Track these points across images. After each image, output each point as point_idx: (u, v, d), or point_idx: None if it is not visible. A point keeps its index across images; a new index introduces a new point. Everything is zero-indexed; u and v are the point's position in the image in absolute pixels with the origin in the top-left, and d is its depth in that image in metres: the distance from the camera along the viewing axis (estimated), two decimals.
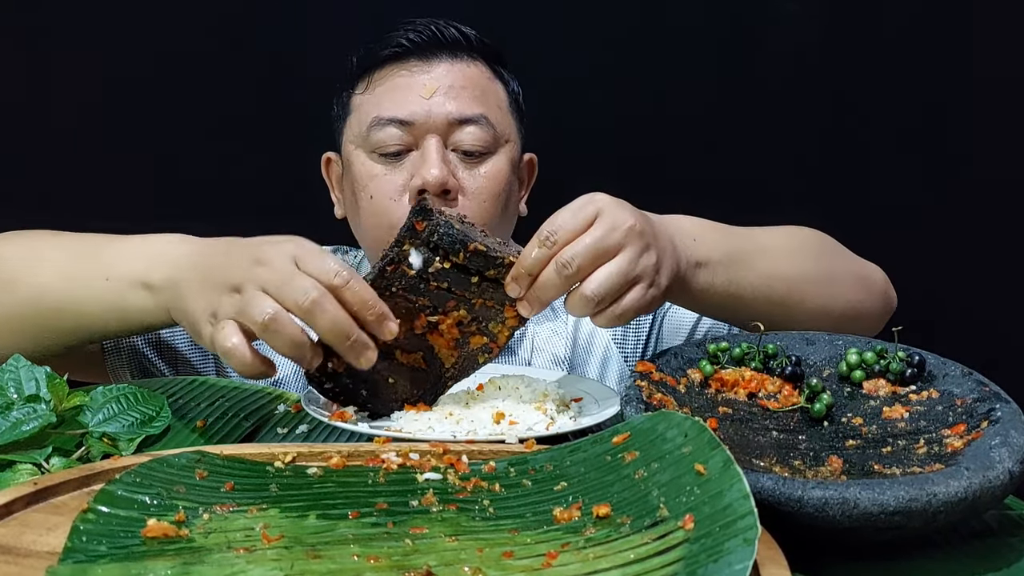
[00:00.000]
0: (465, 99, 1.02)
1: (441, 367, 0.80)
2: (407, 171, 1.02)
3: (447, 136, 1.02)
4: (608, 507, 0.55)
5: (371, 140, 1.02)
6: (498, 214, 1.04)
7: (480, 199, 1.02)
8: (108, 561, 0.49)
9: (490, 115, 1.03)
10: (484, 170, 1.03)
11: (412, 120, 1.01)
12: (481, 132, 1.02)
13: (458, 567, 0.50)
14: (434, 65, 1.03)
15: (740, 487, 0.51)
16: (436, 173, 0.98)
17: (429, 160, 1.00)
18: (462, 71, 1.04)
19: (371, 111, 1.03)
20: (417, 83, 1.02)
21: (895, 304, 1.02)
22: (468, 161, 1.02)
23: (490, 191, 1.03)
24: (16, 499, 0.58)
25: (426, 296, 0.76)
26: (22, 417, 0.72)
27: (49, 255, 0.88)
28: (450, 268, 0.75)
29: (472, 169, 1.02)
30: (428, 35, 1.04)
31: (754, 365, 0.80)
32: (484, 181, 1.03)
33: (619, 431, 0.63)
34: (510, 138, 1.07)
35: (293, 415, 0.84)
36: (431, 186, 0.99)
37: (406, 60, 1.04)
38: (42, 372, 0.77)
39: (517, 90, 1.10)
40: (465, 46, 1.05)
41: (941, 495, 0.56)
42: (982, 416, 0.67)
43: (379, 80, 1.05)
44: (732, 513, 0.49)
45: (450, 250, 0.73)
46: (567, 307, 0.75)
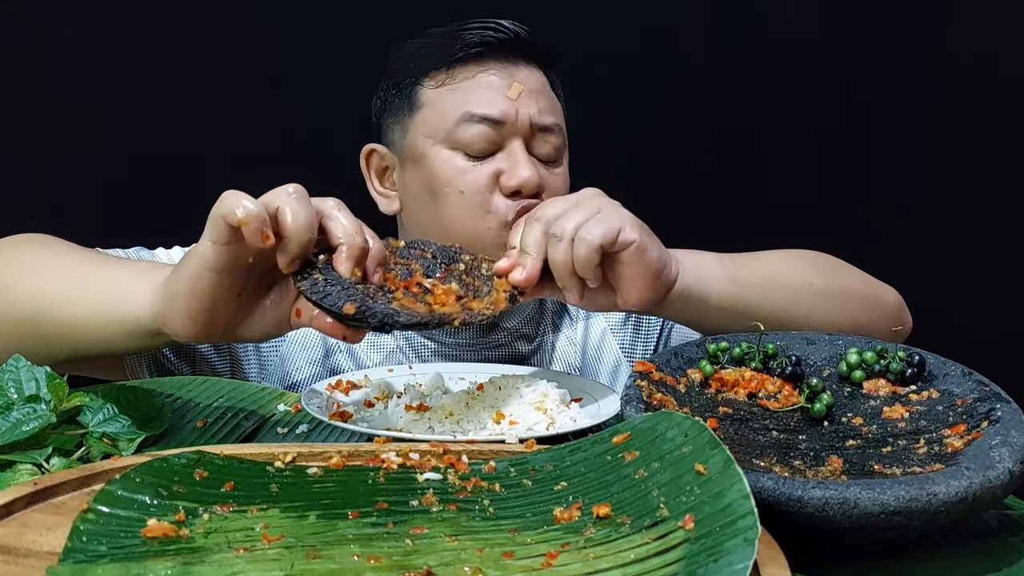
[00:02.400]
0: (544, 104, 1.04)
1: (444, 316, 0.73)
2: (493, 169, 1.02)
3: (529, 138, 1.03)
4: (608, 507, 0.55)
5: (457, 136, 1.02)
6: None
7: (559, 195, 1.02)
8: (108, 561, 0.49)
9: (560, 123, 1.06)
10: (556, 172, 1.06)
11: (504, 119, 1.01)
12: (556, 140, 1.05)
13: (458, 567, 0.50)
14: (513, 68, 1.04)
15: (740, 487, 0.51)
16: (531, 175, 1.00)
17: (521, 161, 1.01)
18: (537, 76, 1.06)
19: (458, 106, 1.02)
20: (501, 83, 1.03)
21: (910, 327, 1.02)
22: (544, 167, 1.04)
23: (564, 190, 1.06)
24: (16, 499, 0.58)
25: (420, 263, 0.79)
26: (22, 417, 0.72)
27: (49, 269, 0.85)
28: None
29: (548, 174, 1.04)
30: (508, 34, 1.04)
31: (754, 365, 0.80)
32: (559, 181, 1.06)
33: (619, 431, 0.63)
34: (566, 146, 1.09)
35: (293, 415, 0.84)
36: (528, 187, 1.00)
37: (485, 60, 1.04)
38: (42, 372, 0.77)
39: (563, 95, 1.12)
40: (534, 49, 1.06)
41: (941, 495, 0.56)
42: (982, 416, 0.67)
43: (459, 76, 1.04)
44: (732, 513, 0.49)
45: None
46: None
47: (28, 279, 0.84)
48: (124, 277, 0.80)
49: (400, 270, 0.77)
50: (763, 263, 0.95)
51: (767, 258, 0.97)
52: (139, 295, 0.76)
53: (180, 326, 0.72)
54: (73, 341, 0.82)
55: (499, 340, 1.09)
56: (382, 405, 0.83)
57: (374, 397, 0.84)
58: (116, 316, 0.78)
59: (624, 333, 1.13)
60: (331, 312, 0.69)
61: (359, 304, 0.68)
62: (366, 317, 0.68)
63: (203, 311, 0.71)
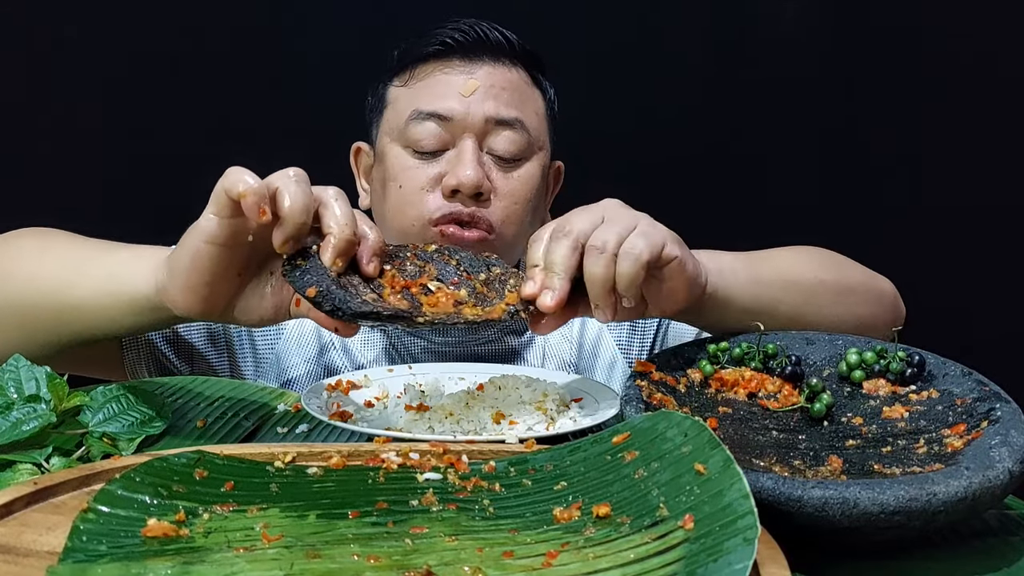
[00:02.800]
0: (504, 101, 1.03)
1: (400, 311, 0.71)
2: (440, 167, 1.02)
3: (483, 138, 1.02)
4: (608, 507, 0.55)
5: (408, 134, 1.03)
6: (527, 218, 1.05)
7: (511, 200, 1.03)
8: (108, 561, 0.49)
9: (527, 121, 1.04)
10: (517, 174, 1.04)
11: (451, 116, 1.01)
12: (516, 136, 1.03)
13: (458, 567, 0.50)
14: (476, 65, 1.04)
15: (740, 486, 0.51)
16: (471, 174, 0.99)
17: (464, 161, 1.00)
18: (503, 74, 1.04)
19: (410, 104, 1.03)
20: (458, 81, 1.03)
21: (904, 317, 1.03)
22: (502, 165, 1.03)
23: (522, 195, 1.04)
24: (16, 499, 0.57)
25: (435, 266, 0.77)
26: (22, 417, 0.72)
27: (52, 254, 0.87)
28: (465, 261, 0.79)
29: (505, 172, 1.03)
30: (472, 36, 1.04)
31: (754, 365, 0.80)
32: (517, 184, 1.03)
33: (619, 431, 0.63)
34: (543, 145, 1.07)
35: (293, 415, 0.84)
36: (465, 187, 0.99)
37: (448, 58, 1.04)
38: (42, 372, 0.77)
39: (553, 99, 1.11)
40: (508, 50, 1.06)
41: (941, 495, 0.56)
42: (982, 416, 0.67)
43: (420, 75, 1.05)
44: (732, 513, 0.49)
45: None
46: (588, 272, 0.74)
47: (28, 266, 0.86)
48: (125, 257, 0.82)
49: (412, 269, 0.76)
50: (777, 261, 0.94)
51: (780, 256, 0.96)
52: (141, 272, 0.77)
53: (181, 299, 0.74)
54: (76, 324, 0.83)
55: (488, 336, 1.09)
56: (382, 405, 0.83)
57: (374, 397, 0.84)
58: (119, 294, 0.79)
59: (620, 330, 1.12)
60: (299, 293, 0.70)
61: (321, 288, 0.69)
62: (322, 301, 0.68)
63: (203, 285, 0.72)
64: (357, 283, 0.71)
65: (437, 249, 0.80)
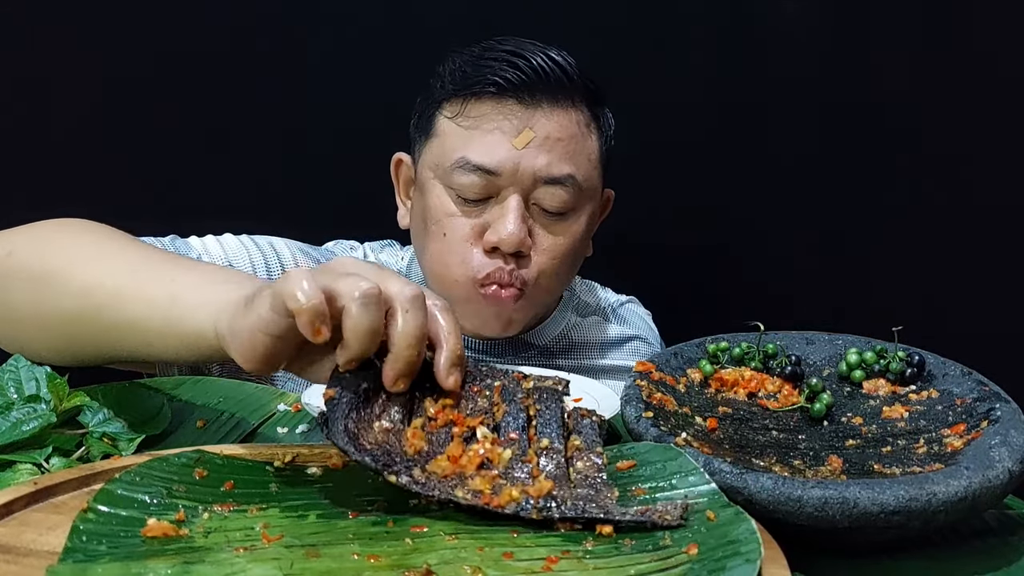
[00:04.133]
0: (557, 155, 0.98)
1: (406, 465, 0.59)
2: (484, 218, 0.99)
3: (531, 191, 0.98)
4: (611, 528, 0.55)
5: (452, 180, 0.99)
6: (563, 271, 1.03)
7: (550, 256, 1.00)
8: (108, 560, 0.49)
9: (579, 174, 0.99)
10: (562, 228, 1.01)
11: (499, 171, 0.97)
12: (565, 195, 0.99)
13: (458, 566, 0.50)
14: (532, 111, 0.97)
15: (748, 526, 0.51)
16: (513, 232, 0.96)
17: (507, 217, 0.97)
18: (559, 122, 0.98)
19: (458, 148, 0.98)
20: (512, 130, 0.97)
21: None
22: (547, 220, 1.00)
23: (563, 251, 1.01)
24: (16, 499, 0.58)
25: (509, 408, 0.65)
26: (22, 417, 0.72)
27: (104, 262, 0.77)
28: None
29: (550, 226, 1.00)
30: (530, 73, 0.97)
31: (754, 365, 0.80)
32: (560, 241, 1.01)
33: (624, 456, 0.63)
34: (595, 193, 1.04)
35: (293, 415, 0.84)
36: (506, 245, 0.97)
37: (503, 100, 0.98)
38: (42, 372, 0.77)
39: (611, 133, 1.06)
40: (568, 87, 0.99)
41: (941, 495, 0.56)
42: (982, 416, 0.67)
43: (473, 114, 0.99)
44: (737, 544, 0.50)
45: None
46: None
47: (86, 272, 0.76)
48: (190, 283, 0.72)
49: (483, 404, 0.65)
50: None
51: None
52: (204, 309, 0.68)
53: (239, 359, 0.64)
54: (126, 344, 0.75)
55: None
56: None
57: None
58: (180, 326, 0.70)
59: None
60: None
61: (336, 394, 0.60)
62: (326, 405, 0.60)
63: (260, 358, 0.63)
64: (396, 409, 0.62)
65: (535, 388, 0.67)
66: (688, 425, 0.70)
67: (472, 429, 0.63)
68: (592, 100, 1.03)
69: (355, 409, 0.60)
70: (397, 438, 0.61)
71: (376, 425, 0.61)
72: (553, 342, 1.12)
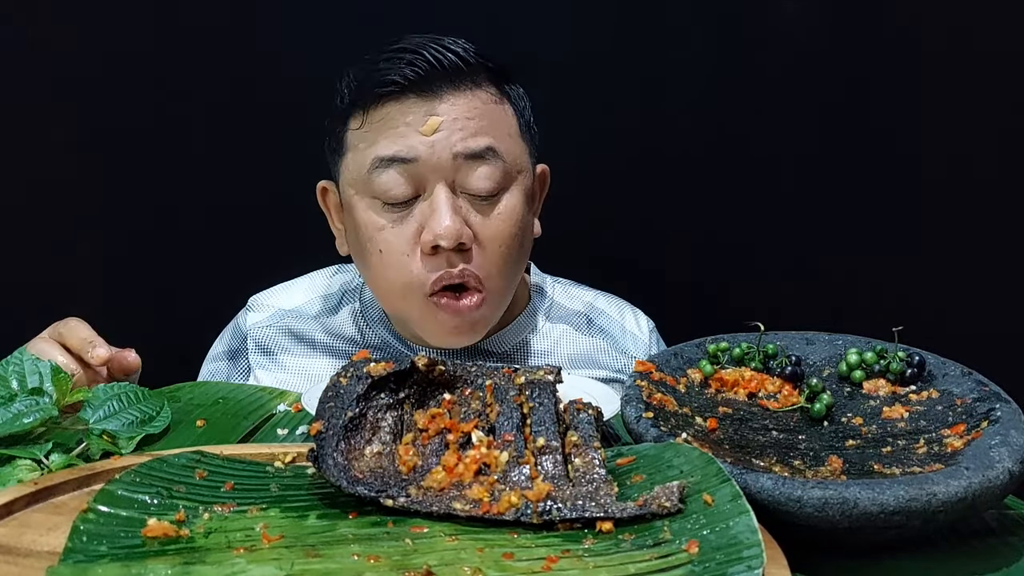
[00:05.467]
0: (471, 131, 0.94)
1: (400, 485, 0.59)
2: (416, 221, 0.94)
3: (455, 178, 0.94)
4: (611, 524, 0.55)
5: (373, 185, 0.94)
6: (515, 255, 0.99)
7: (496, 244, 0.96)
8: (108, 561, 0.49)
9: (499, 146, 0.95)
10: (498, 210, 0.96)
11: (415, 157, 0.93)
12: (491, 169, 0.94)
13: (458, 567, 0.50)
14: (435, 100, 0.94)
15: (748, 520, 0.51)
16: (449, 224, 0.92)
17: (439, 211, 0.92)
18: (466, 102, 0.95)
19: (369, 151, 0.95)
20: (417, 119, 0.93)
21: None
22: (480, 205, 0.95)
23: (507, 234, 0.96)
24: (16, 499, 0.58)
25: (502, 409, 0.64)
26: (23, 409, 0.72)
27: None
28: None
29: (485, 211, 0.95)
30: (425, 67, 0.94)
31: (754, 365, 0.80)
32: (499, 224, 0.96)
33: (623, 454, 0.63)
34: (523, 167, 0.99)
35: (293, 415, 0.84)
36: (445, 240, 0.92)
37: (404, 97, 0.94)
38: (46, 366, 0.77)
39: (527, 106, 1.02)
40: (467, 71, 0.95)
41: (941, 495, 0.56)
42: (982, 416, 0.67)
43: (375, 117, 0.95)
44: (738, 544, 0.49)
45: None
46: None
47: None
48: None
49: (476, 407, 0.65)
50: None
51: None
52: None
53: None
54: None
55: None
56: None
57: None
58: None
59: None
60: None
61: (323, 417, 0.61)
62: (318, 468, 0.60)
63: None
64: (383, 421, 0.63)
65: (527, 382, 0.66)
66: (688, 425, 0.70)
67: (467, 434, 0.62)
68: (497, 79, 0.99)
69: (343, 440, 0.60)
70: (390, 460, 0.61)
71: (367, 451, 0.61)
72: (513, 349, 1.08)
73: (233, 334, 1.13)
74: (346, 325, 1.10)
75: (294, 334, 1.11)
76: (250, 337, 1.11)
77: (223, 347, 1.13)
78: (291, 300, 1.13)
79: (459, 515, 0.56)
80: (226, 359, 1.12)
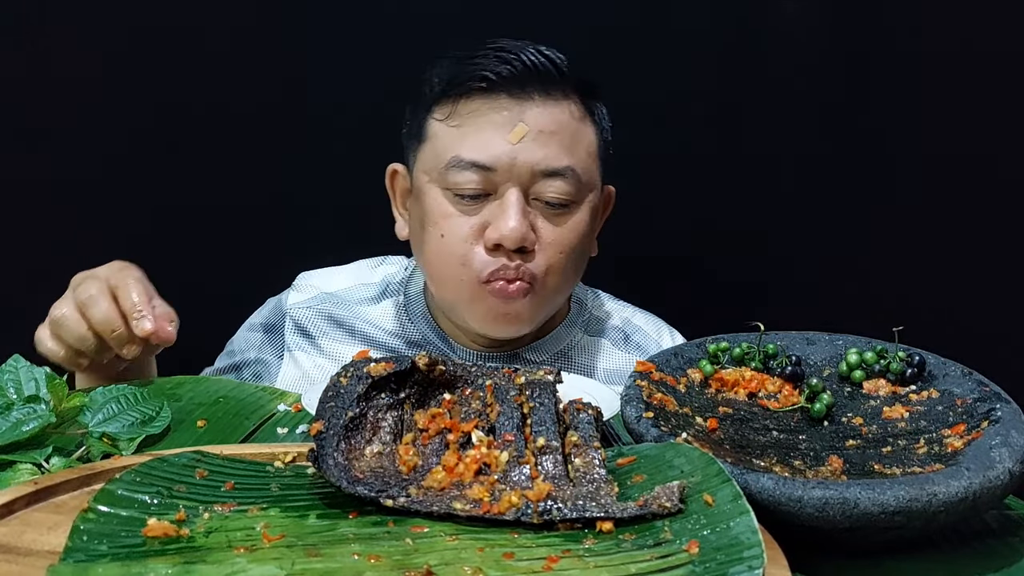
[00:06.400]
0: (554, 148, 0.96)
1: (401, 485, 0.59)
2: (483, 216, 0.96)
3: (530, 185, 0.96)
4: (611, 524, 0.55)
5: (448, 179, 0.96)
6: (571, 266, 1.01)
7: (557, 250, 0.98)
8: (109, 560, 0.49)
9: (578, 166, 0.97)
10: (565, 221, 0.98)
11: (495, 166, 0.95)
12: (566, 186, 0.96)
13: (458, 567, 0.50)
14: (525, 105, 0.96)
15: (748, 521, 0.51)
16: (515, 228, 0.94)
17: (508, 212, 0.94)
18: (553, 115, 0.97)
19: (451, 148, 0.97)
20: (504, 124, 0.95)
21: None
22: (549, 212, 0.97)
23: (568, 243, 0.98)
24: (17, 498, 0.58)
25: (503, 408, 0.64)
26: (22, 417, 0.72)
27: None
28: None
29: (553, 219, 0.98)
30: (520, 67, 0.96)
31: (754, 365, 0.80)
32: (564, 233, 0.98)
33: (624, 454, 0.63)
34: (595, 185, 1.01)
35: (293, 415, 0.84)
36: (508, 241, 0.94)
37: (495, 95, 0.96)
38: (42, 372, 0.77)
39: (608, 127, 1.04)
40: (559, 80, 0.98)
41: (941, 495, 0.56)
42: (982, 416, 0.67)
43: (463, 111, 0.97)
44: (739, 545, 0.49)
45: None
46: None
47: None
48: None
49: (477, 407, 0.65)
50: None
51: None
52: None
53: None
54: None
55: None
56: None
57: None
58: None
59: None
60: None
61: (324, 420, 0.61)
62: (318, 468, 0.59)
63: (71, 363, 0.90)
64: (383, 421, 0.63)
65: (527, 382, 0.66)
66: (688, 425, 0.70)
67: (467, 434, 0.63)
68: (585, 94, 1.01)
69: (344, 440, 0.61)
70: (390, 459, 0.61)
71: (367, 451, 0.61)
72: (552, 358, 1.09)
73: (273, 309, 1.14)
74: (387, 317, 1.11)
75: (334, 319, 1.11)
76: (289, 316, 1.12)
77: (261, 319, 1.14)
78: (334, 284, 1.14)
79: (459, 515, 0.56)
80: (262, 331, 1.13)
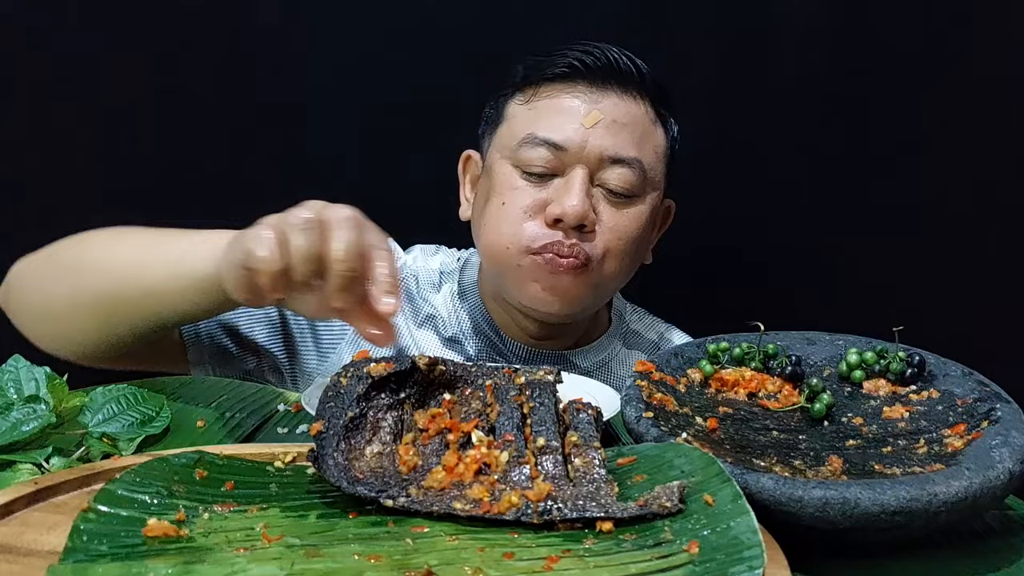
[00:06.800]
0: (624, 138, 0.99)
1: (400, 486, 0.59)
2: (547, 193, 0.99)
3: (596, 170, 0.98)
4: (611, 524, 0.54)
5: (519, 155, 0.99)
6: (627, 257, 1.02)
7: (616, 235, 0.99)
8: (109, 560, 0.49)
9: (645, 160, 1.00)
10: (625, 210, 1.00)
11: (566, 146, 0.98)
12: (631, 175, 0.99)
13: (459, 567, 0.50)
14: (602, 94, 1.00)
15: (749, 521, 0.51)
16: (577, 205, 0.96)
17: (572, 191, 0.96)
18: (628, 108, 1.00)
19: (527, 126, 1.00)
20: (581, 108, 0.99)
21: None
22: (611, 199, 0.99)
23: (627, 231, 1.00)
24: (17, 498, 0.58)
25: (503, 409, 0.64)
26: (22, 417, 0.72)
27: (126, 243, 0.90)
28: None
29: (614, 205, 1.00)
30: (603, 61, 1.00)
31: (754, 365, 0.80)
32: (625, 220, 1.00)
33: (623, 454, 0.63)
34: (658, 186, 1.04)
35: (293, 415, 0.84)
36: (569, 217, 0.96)
37: (575, 82, 1.00)
38: (42, 373, 0.77)
39: (677, 136, 1.07)
40: (637, 80, 1.01)
41: (942, 495, 0.56)
42: (982, 416, 0.67)
43: (543, 95, 1.01)
44: (739, 545, 0.49)
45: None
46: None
47: (103, 257, 0.89)
48: (195, 241, 0.84)
49: (477, 406, 0.66)
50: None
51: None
52: (206, 255, 0.80)
53: (231, 292, 0.76)
54: (151, 308, 0.87)
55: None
56: None
57: None
58: (188, 275, 0.82)
59: None
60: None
61: (325, 422, 0.61)
62: (318, 469, 0.59)
63: (248, 288, 0.74)
64: (383, 421, 0.63)
65: (527, 382, 0.66)
66: (688, 425, 0.70)
67: (467, 434, 0.62)
68: (659, 100, 1.04)
69: (344, 440, 0.61)
70: (390, 460, 0.61)
71: (367, 451, 0.61)
72: (594, 367, 1.10)
73: None
74: (446, 303, 1.12)
75: (409, 294, 1.12)
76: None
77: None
78: (414, 261, 1.15)
79: (459, 515, 0.56)
80: None
